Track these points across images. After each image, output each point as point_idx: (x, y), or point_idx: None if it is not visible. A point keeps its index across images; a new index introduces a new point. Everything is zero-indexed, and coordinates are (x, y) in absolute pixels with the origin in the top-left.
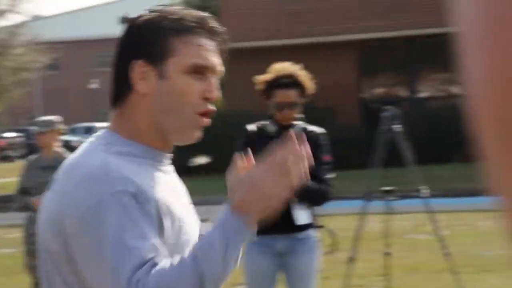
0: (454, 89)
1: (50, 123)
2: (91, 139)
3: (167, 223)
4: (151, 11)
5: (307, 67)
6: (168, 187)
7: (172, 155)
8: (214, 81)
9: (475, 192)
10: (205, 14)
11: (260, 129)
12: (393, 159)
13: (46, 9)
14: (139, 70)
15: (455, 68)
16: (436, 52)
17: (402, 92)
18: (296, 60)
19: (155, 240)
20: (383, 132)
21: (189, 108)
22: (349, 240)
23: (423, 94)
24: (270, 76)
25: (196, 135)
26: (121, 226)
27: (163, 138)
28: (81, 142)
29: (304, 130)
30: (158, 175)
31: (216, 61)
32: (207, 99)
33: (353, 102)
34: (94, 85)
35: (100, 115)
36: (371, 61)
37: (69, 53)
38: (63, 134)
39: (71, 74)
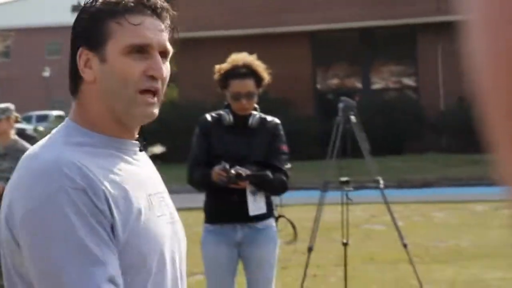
0: (407, 81)
1: (6, 110)
2: (54, 129)
3: (117, 215)
4: None
5: (261, 58)
6: (130, 176)
7: (138, 142)
8: (158, 58)
9: (428, 183)
10: None
11: (217, 119)
12: (348, 150)
13: None
14: (83, 58)
15: (408, 59)
16: (390, 43)
17: (356, 83)
18: (249, 51)
19: (104, 237)
20: (339, 123)
21: (131, 87)
22: (306, 231)
23: (376, 86)
24: (227, 66)
25: (145, 113)
26: (70, 223)
27: (119, 125)
28: (36, 130)
29: (262, 120)
30: (119, 165)
31: (157, 38)
32: (151, 78)
33: (307, 93)
34: (47, 73)
35: (54, 103)
36: (325, 52)
37: (21, 40)
38: (18, 121)
39: (23, 62)
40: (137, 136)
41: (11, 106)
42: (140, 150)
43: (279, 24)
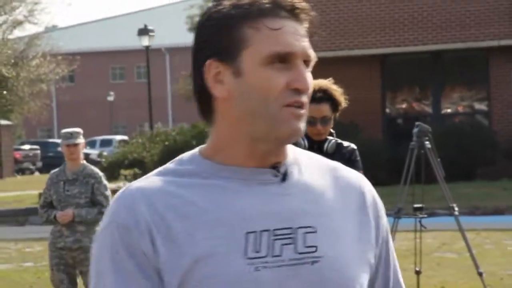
0: (479, 105)
1: (77, 135)
2: None
3: (166, 257)
4: (216, 0)
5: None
6: (220, 210)
7: (273, 170)
8: (302, 68)
9: (500, 210)
10: None
11: (293, 144)
12: (422, 176)
13: (63, 20)
14: (213, 72)
15: (479, 83)
16: (461, 67)
17: (426, 108)
18: (319, 74)
19: (141, 284)
20: (413, 148)
21: (273, 103)
22: None
23: (447, 110)
24: None
25: (293, 128)
26: (105, 266)
27: (251, 150)
28: (100, 155)
29: (338, 145)
30: (212, 196)
31: (300, 44)
32: (295, 91)
33: (376, 116)
34: (111, 97)
35: (117, 128)
36: (395, 75)
37: (85, 65)
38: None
39: (87, 86)
40: (280, 162)
41: (80, 130)
42: (283, 179)
43: (350, 47)
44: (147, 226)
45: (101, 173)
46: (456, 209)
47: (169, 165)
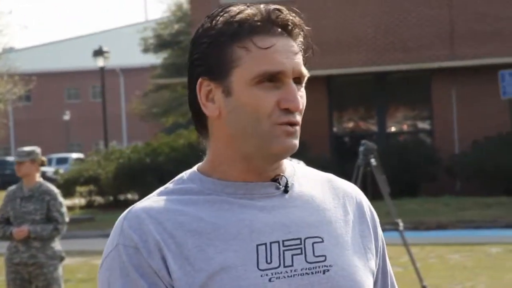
0: (422, 124)
1: (30, 153)
2: None
3: (179, 274)
4: (210, 17)
5: None
6: (229, 224)
7: (274, 183)
8: (292, 87)
9: (443, 225)
10: (275, 6)
11: None
12: (368, 192)
13: (20, 42)
14: (204, 90)
15: (422, 103)
16: (405, 88)
17: (371, 126)
18: None
19: None
20: (359, 165)
21: (267, 122)
22: None
23: (391, 129)
24: None
25: (286, 145)
26: (114, 284)
27: (248, 166)
28: (56, 173)
29: None
30: (218, 212)
31: (291, 62)
32: (286, 111)
33: (324, 136)
34: (66, 116)
35: (73, 146)
36: (341, 96)
37: (42, 85)
38: (43, 165)
39: (44, 105)
40: (280, 175)
41: (37, 149)
42: (285, 191)
43: None
44: (156, 244)
45: (57, 190)
46: (401, 224)
47: (169, 185)
